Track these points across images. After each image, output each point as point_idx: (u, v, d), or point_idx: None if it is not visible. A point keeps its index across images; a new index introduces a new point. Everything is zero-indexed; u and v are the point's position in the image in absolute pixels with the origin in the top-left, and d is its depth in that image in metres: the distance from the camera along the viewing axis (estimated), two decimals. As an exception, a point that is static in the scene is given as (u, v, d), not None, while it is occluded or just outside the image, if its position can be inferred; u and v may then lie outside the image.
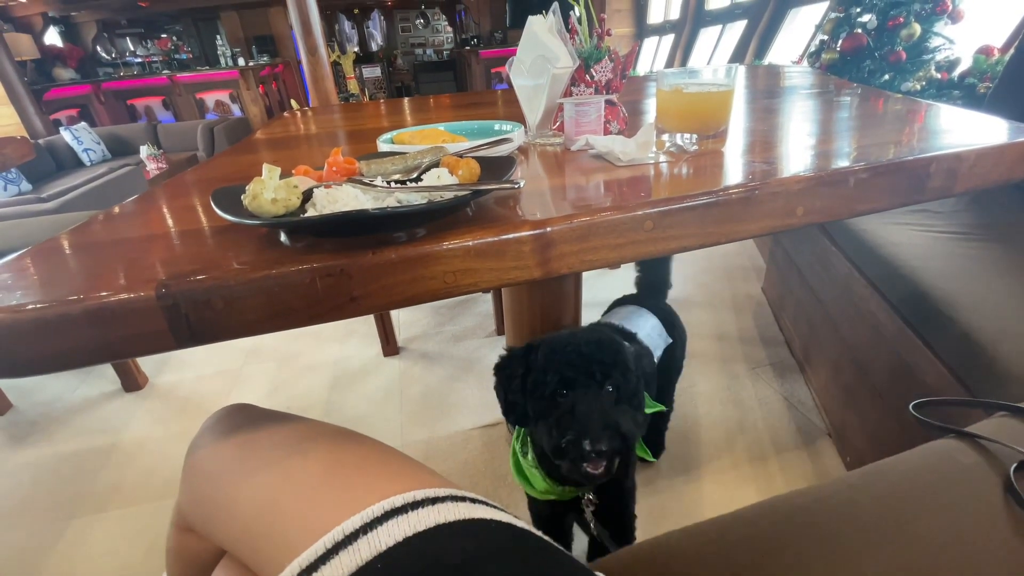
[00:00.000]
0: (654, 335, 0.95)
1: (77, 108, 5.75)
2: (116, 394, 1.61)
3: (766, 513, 0.49)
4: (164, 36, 6.47)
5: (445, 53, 7.64)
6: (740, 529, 0.48)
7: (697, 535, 0.48)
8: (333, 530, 0.32)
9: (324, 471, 0.39)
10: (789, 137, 0.72)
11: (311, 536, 0.33)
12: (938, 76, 1.67)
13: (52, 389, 1.66)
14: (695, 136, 0.66)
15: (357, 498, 0.35)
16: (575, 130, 0.70)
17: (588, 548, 0.91)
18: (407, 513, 0.33)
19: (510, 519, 0.35)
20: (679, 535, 0.48)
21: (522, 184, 0.46)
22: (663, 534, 0.49)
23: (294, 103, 4.93)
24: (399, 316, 1.88)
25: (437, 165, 0.52)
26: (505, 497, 1.13)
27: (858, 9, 1.81)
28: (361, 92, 6.98)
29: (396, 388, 1.53)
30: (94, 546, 1.11)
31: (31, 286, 0.40)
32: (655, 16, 4.49)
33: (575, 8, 0.73)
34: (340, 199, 0.44)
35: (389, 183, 0.49)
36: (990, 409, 0.62)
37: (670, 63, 4.02)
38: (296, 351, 1.75)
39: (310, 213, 0.44)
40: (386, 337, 1.66)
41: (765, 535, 0.47)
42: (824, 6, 2.55)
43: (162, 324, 0.38)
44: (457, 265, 0.42)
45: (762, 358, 1.52)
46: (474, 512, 0.34)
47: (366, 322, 1.80)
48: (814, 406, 1.31)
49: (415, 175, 0.52)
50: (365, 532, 0.32)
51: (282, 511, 0.37)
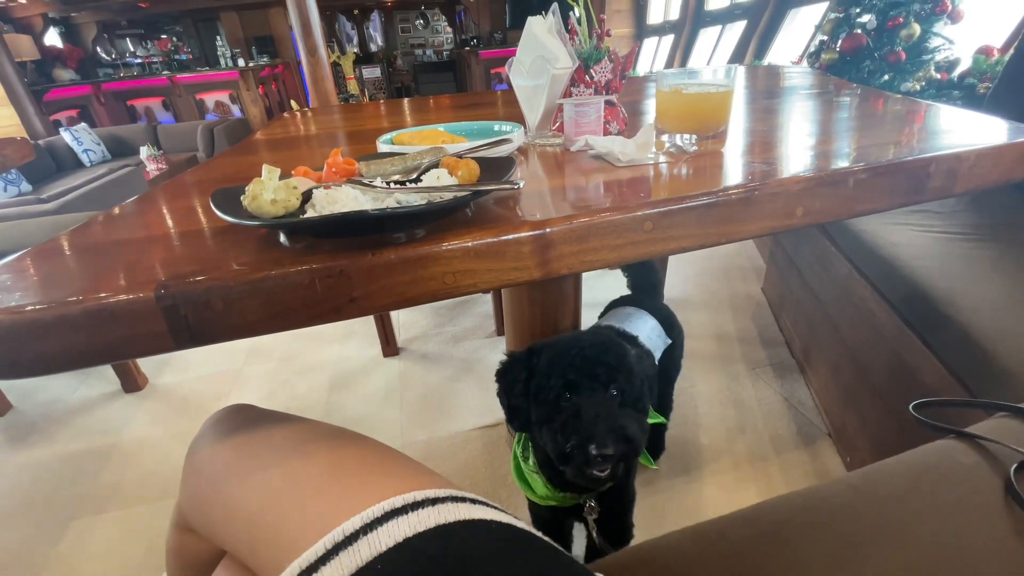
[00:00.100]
0: (654, 336, 0.94)
1: (77, 109, 5.75)
2: (116, 395, 1.61)
3: (766, 514, 0.49)
4: (164, 37, 6.47)
5: (445, 54, 7.65)
6: (740, 530, 0.48)
7: (697, 536, 0.48)
8: (333, 531, 0.32)
9: (324, 472, 0.39)
10: (789, 138, 0.72)
11: (311, 536, 0.33)
12: (938, 76, 1.68)
13: (52, 390, 1.66)
14: (695, 137, 0.66)
15: (357, 499, 0.35)
16: (575, 131, 0.70)
17: (587, 549, 0.91)
18: (407, 514, 0.33)
19: (510, 520, 0.35)
20: (679, 535, 0.48)
21: (522, 185, 0.46)
22: (663, 535, 0.49)
23: (294, 104, 4.93)
24: (399, 317, 1.88)
25: (437, 166, 0.52)
26: (505, 498, 1.13)
27: (858, 9, 1.81)
28: (361, 93, 6.98)
29: (396, 389, 1.53)
30: (94, 547, 1.11)
31: (31, 287, 0.40)
32: (655, 16, 4.50)
33: (575, 9, 0.73)
34: (339, 200, 0.44)
35: (388, 184, 0.49)
36: (990, 409, 0.62)
37: (670, 63, 4.02)
38: (296, 352, 1.75)
39: (309, 214, 0.44)
40: (386, 338, 1.66)
41: (765, 536, 0.47)
42: (823, 6, 2.55)
43: (161, 325, 0.38)
44: (457, 266, 0.42)
45: (762, 359, 1.52)
46: (474, 513, 0.34)
47: (366, 323, 1.80)
48: (814, 406, 1.31)
49: (414, 176, 0.52)
50: (365, 533, 0.32)
51: (282, 511, 0.37)
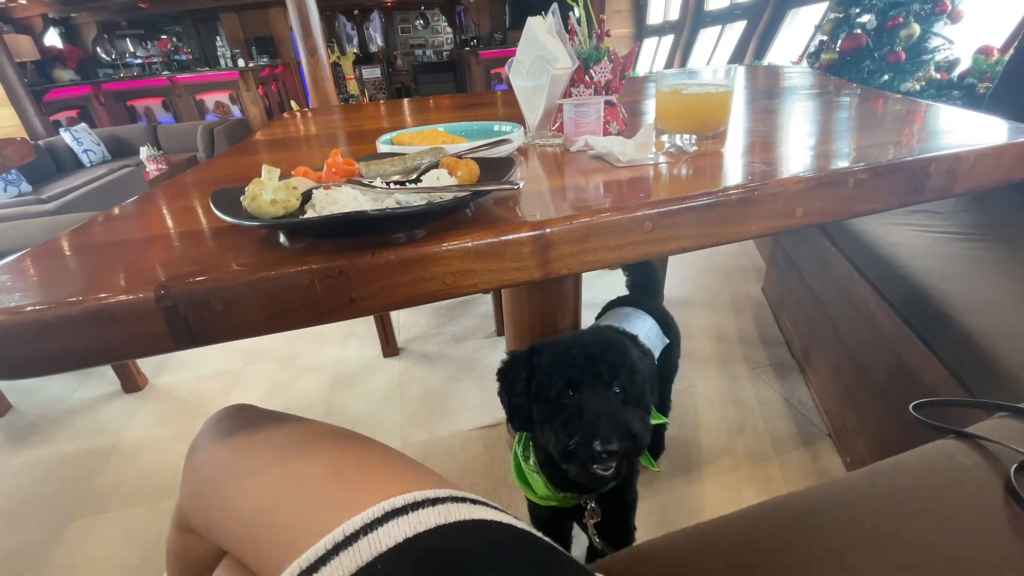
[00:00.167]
0: (652, 336, 0.95)
1: (77, 109, 5.75)
2: (116, 395, 1.61)
3: (767, 514, 0.49)
4: (164, 37, 6.47)
5: (445, 54, 7.65)
6: (741, 530, 0.48)
7: (697, 536, 0.48)
8: (333, 531, 0.32)
9: (324, 472, 0.39)
10: (789, 138, 0.72)
11: (311, 536, 0.33)
12: (937, 76, 1.68)
13: (52, 390, 1.66)
14: (694, 137, 0.66)
15: (357, 499, 0.35)
16: (574, 131, 0.70)
17: (587, 550, 0.91)
18: (407, 514, 0.33)
19: (510, 520, 0.35)
20: (680, 536, 0.48)
21: (521, 185, 0.46)
22: (663, 535, 0.49)
23: (294, 104, 4.93)
24: (399, 317, 1.88)
25: (436, 166, 0.52)
26: (505, 498, 1.13)
27: (857, 9, 1.81)
28: (361, 93, 6.99)
29: (396, 389, 1.53)
30: (94, 547, 1.11)
31: (30, 287, 0.40)
32: (654, 17, 4.50)
33: (574, 9, 0.73)
34: (339, 200, 0.44)
35: (388, 184, 0.49)
36: (990, 409, 0.62)
37: (669, 64, 4.02)
38: (296, 352, 1.75)
39: (309, 214, 0.44)
40: (386, 338, 1.66)
41: (766, 536, 0.47)
42: (823, 6, 2.56)
43: (161, 326, 0.38)
44: (456, 266, 0.42)
45: (762, 359, 1.52)
46: (474, 513, 0.34)
47: (366, 323, 1.80)
48: (814, 407, 1.31)
49: (414, 176, 0.52)
50: (365, 533, 0.32)
51: (282, 511, 0.37)
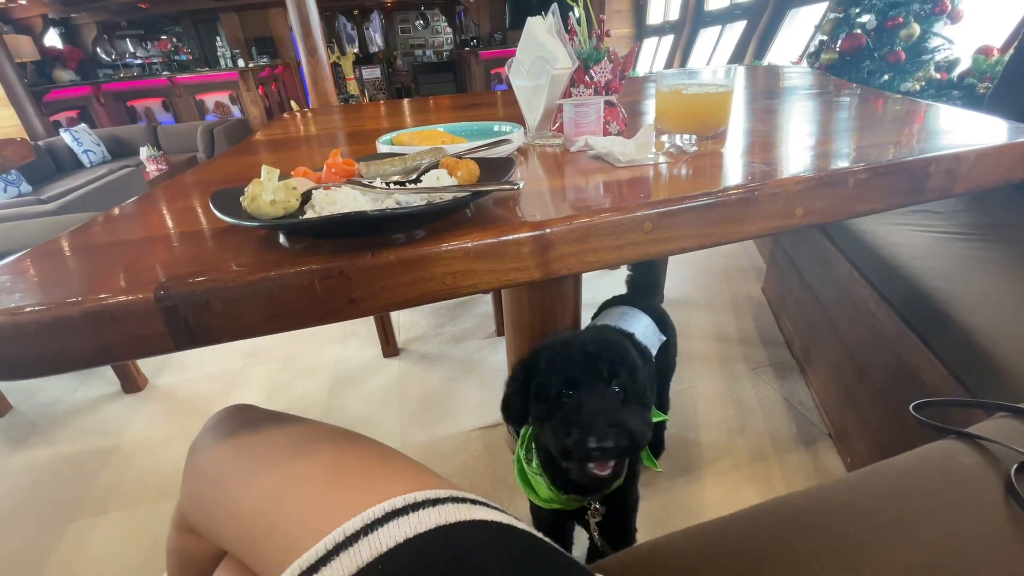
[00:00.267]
0: (649, 333, 0.95)
1: (77, 110, 5.75)
2: (116, 396, 1.61)
3: (767, 514, 0.49)
4: (164, 37, 6.48)
5: (445, 54, 7.65)
6: (741, 530, 0.48)
7: (698, 536, 0.48)
8: (334, 531, 0.32)
9: (325, 472, 0.39)
10: (788, 138, 0.72)
11: (312, 537, 0.33)
12: (937, 76, 1.68)
13: (52, 391, 1.65)
14: (694, 137, 0.66)
15: (358, 499, 0.35)
16: (574, 131, 0.70)
17: (588, 550, 0.91)
18: (408, 514, 0.33)
19: (511, 520, 0.35)
20: (680, 536, 0.48)
21: (521, 185, 0.46)
22: (664, 535, 0.49)
23: (294, 104, 4.93)
24: (399, 317, 1.88)
25: (436, 166, 0.52)
26: (505, 498, 1.13)
27: (857, 9, 1.81)
28: (361, 93, 6.99)
29: (396, 389, 1.53)
30: (94, 548, 1.11)
31: (30, 288, 0.40)
32: (654, 17, 4.50)
33: (574, 9, 0.73)
34: (339, 200, 0.44)
35: (388, 184, 0.49)
36: (990, 410, 0.62)
37: (669, 64, 4.02)
38: (296, 352, 1.75)
39: (309, 215, 0.44)
40: (386, 338, 1.66)
41: (766, 536, 0.47)
42: (823, 6, 2.56)
43: (161, 327, 0.38)
44: (456, 267, 0.42)
45: (762, 359, 1.52)
46: (475, 513, 0.34)
47: (366, 323, 1.80)
48: (814, 407, 1.31)
49: (414, 176, 0.52)
50: (366, 533, 0.32)
51: (283, 512, 0.37)
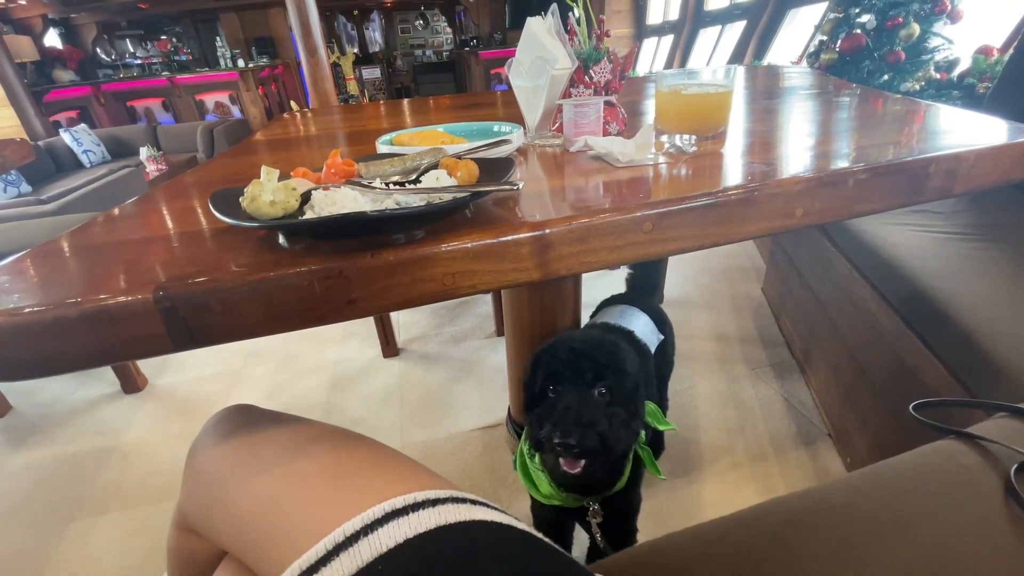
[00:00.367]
0: (647, 332, 0.96)
1: (77, 110, 5.75)
2: (116, 396, 1.61)
3: (767, 514, 0.49)
4: (164, 38, 6.48)
5: (444, 54, 7.65)
6: (741, 531, 0.48)
7: (697, 537, 0.48)
8: (334, 531, 0.32)
9: (325, 472, 0.39)
10: (788, 138, 0.72)
11: (312, 537, 0.33)
12: (937, 76, 1.67)
13: (52, 391, 1.65)
14: (694, 137, 0.66)
15: (358, 499, 0.35)
16: (574, 131, 0.70)
17: (588, 550, 0.91)
18: (408, 515, 0.33)
19: (511, 521, 0.35)
20: (680, 536, 0.48)
21: (521, 186, 0.46)
22: (663, 536, 0.49)
23: (294, 104, 4.93)
24: (399, 317, 1.88)
25: (436, 167, 0.52)
26: (505, 498, 1.13)
27: (857, 9, 1.81)
28: (360, 93, 6.99)
29: (396, 389, 1.53)
30: (94, 548, 1.11)
31: (30, 289, 0.40)
32: (654, 17, 4.50)
33: (574, 9, 0.73)
34: (338, 201, 0.44)
35: (388, 185, 0.49)
36: (990, 410, 0.62)
37: (669, 64, 4.02)
38: (296, 352, 1.75)
39: (308, 215, 0.44)
40: (386, 338, 1.66)
41: (766, 537, 0.47)
42: (823, 6, 2.56)
43: (160, 327, 0.37)
44: (456, 267, 0.42)
45: (762, 359, 1.52)
46: (475, 514, 0.34)
47: (366, 323, 1.80)
48: (814, 407, 1.31)
49: (414, 177, 0.52)
50: (366, 533, 0.32)
51: (283, 512, 0.37)
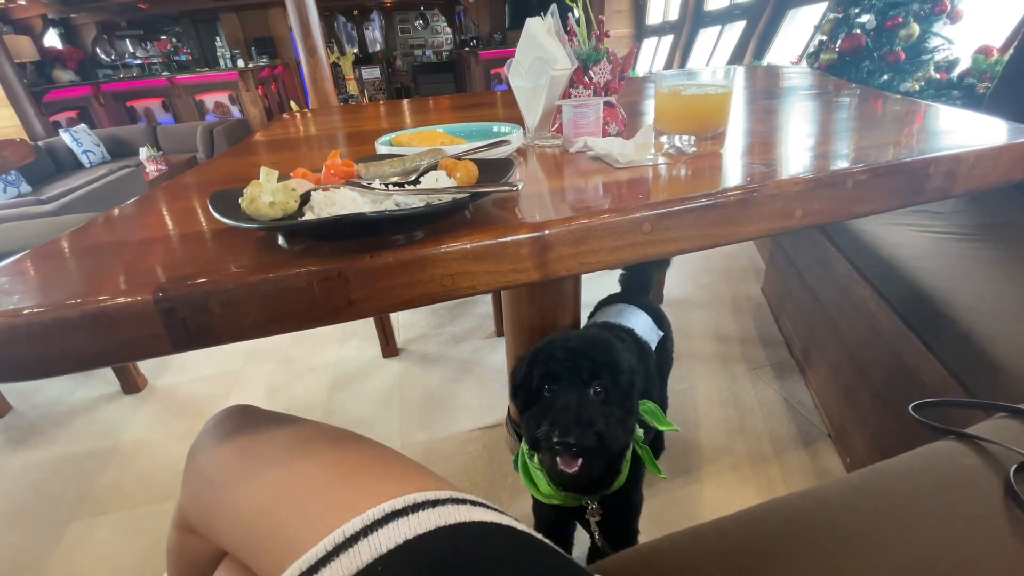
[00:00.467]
0: (647, 329, 0.97)
1: (77, 110, 5.75)
2: (115, 396, 1.61)
3: (766, 515, 0.49)
4: (164, 38, 6.48)
5: (444, 54, 7.65)
6: (740, 531, 0.48)
7: (697, 537, 0.48)
8: (334, 532, 0.32)
9: (325, 473, 0.39)
10: (788, 138, 0.72)
11: (312, 538, 0.33)
12: (937, 76, 1.67)
13: (51, 391, 1.65)
14: (694, 138, 0.66)
15: (358, 500, 0.35)
16: (573, 132, 0.70)
17: (588, 551, 0.91)
18: (408, 516, 0.33)
19: (510, 522, 0.35)
20: (679, 537, 0.48)
21: (520, 186, 0.46)
22: (663, 536, 0.49)
23: (293, 104, 4.93)
24: (398, 318, 1.88)
25: (435, 167, 0.52)
26: (505, 499, 1.13)
27: (857, 9, 1.81)
28: (360, 93, 6.99)
29: (396, 389, 1.53)
30: (94, 548, 1.11)
31: (30, 289, 0.40)
32: (654, 17, 4.50)
33: (574, 9, 0.73)
34: (338, 202, 0.44)
35: (387, 186, 0.49)
36: (990, 410, 0.62)
37: (669, 64, 4.02)
38: (296, 353, 1.75)
39: (308, 216, 0.44)
40: (386, 339, 1.66)
41: (765, 537, 0.47)
42: (823, 6, 2.56)
43: (159, 328, 0.37)
44: (455, 268, 0.42)
45: (762, 359, 1.52)
46: (474, 515, 0.34)
47: (366, 324, 1.80)
48: (814, 407, 1.31)
49: (413, 177, 0.52)
50: (366, 534, 0.32)
51: (283, 513, 0.37)
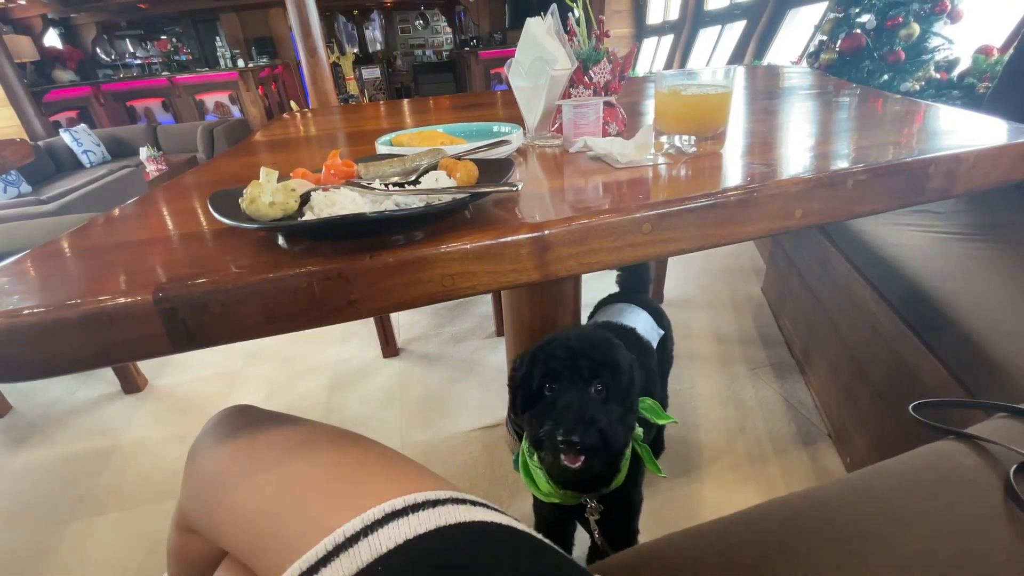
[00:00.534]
0: (648, 328, 0.97)
1: (77, 110, 5.75)
2: (116, 396, 1.61)
3: (766, 515, 0.49)
4: (164, 38, 6.48)
5: (444, 54, 7.65)
6: (740, 531, 0.48)
7: (697, 537, 0.48)
8: (334, 532, 0.32)
9: (325, 473, 0.39)
10: (788, 138, 0.72)
11: (312, 538, 0.33)
12: (937, 76, 1.67)
13: (52, 391, 1.65)
14: (694, 138, 0.66)
15: (358, 500, 0.35)
16: (573, 132, 0.70)
17: (588, 551, 0.91)
18: (408, 516, 0.33)
19: (510, 522, 0.35)
20: (679, 537, 0.48)
21: (520, 187, 0.46)
22: (663, 536, 0.49)
23: (293, 104, 4.93)
24: (399, 318, 1.88)
25: (435, 167, 0.52)
26: (505, 499, 1.13)
27: (857, 9, 1.81)
28: (360, 93, 6.99)
29: (396, 389, 1.53)
30: (94, 548, 1.11)
31: (30, 290, 0.40)
32: (654, 17, 4.50)
33: (574, 9, 0.73)
34: (338, 202, 0.44)
35: (387, 186, 0.49)
36: (990, 410, 0.62)
37: (669, 64, 4.02)
38: (296, 353, 1.75)
39: (308, 216, 0.44)
40: (386, 339, 1.66)
41: (765, 537, 0.47)
42: (823, 6, 2.56)
43: (159, 329, 0.37)
44: (455, 268, 0.42)
45: (762, 359, 1.52)
46: (474, 515, 0.34)
47: (366, 324, 1.80)
48: (814, 407, 1.31)
49: (413, 178, 0.52)
50: (366, 534, 0.32)
51: (283, 513, 0.37)
